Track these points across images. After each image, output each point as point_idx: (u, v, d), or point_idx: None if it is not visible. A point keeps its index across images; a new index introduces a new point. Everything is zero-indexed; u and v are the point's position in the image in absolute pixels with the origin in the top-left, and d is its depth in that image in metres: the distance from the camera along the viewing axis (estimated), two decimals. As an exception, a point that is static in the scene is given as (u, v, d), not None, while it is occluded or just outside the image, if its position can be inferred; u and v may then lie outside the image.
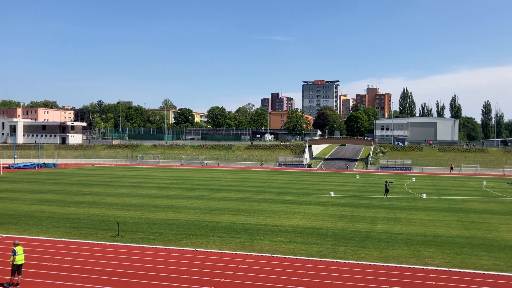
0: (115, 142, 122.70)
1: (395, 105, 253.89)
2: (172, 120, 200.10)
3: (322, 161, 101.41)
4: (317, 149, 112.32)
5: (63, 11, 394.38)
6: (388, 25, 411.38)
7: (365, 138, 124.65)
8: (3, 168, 76.92)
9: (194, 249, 23.06)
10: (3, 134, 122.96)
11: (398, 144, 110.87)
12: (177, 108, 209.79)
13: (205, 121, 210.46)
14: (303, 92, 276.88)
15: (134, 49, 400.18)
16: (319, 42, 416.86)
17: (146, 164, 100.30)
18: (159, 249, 23.11)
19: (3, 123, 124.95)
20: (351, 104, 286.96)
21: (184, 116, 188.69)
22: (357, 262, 21.10)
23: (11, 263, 17.34)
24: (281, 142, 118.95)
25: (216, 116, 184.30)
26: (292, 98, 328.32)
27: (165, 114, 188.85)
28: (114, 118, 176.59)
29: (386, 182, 47.27)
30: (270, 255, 22.10)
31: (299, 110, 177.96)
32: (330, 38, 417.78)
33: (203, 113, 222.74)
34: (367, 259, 21.66)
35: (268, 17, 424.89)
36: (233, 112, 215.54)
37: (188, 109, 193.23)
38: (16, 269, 17.32)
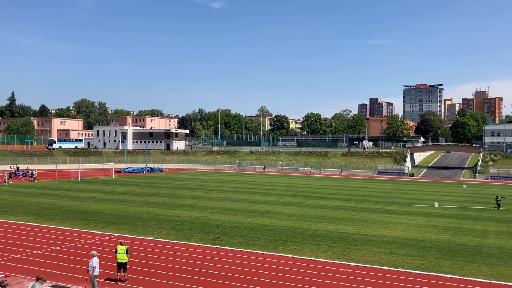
0: (215, 148, 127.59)
1: (507, 110, 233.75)
2: (268, 127, 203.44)
3: (425, 169, 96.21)
4: (419, 156, 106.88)
5: (166, 26, 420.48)
6: (499, 22, 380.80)
7: (473, 145, 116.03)
8: (115, 172, 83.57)
9: (291, 255, 23.05)
10: (115, 140, 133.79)
11: (511, 151, 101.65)
12: (273, 115, 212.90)
13: (301, 128, 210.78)
14: (404, 96, 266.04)
15: (232, 58, 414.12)
16: (421, 44, 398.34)
17: (243, 169, 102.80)
18: (256, 253, 23.44)
19: (115, 131, 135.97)
20: (456, 108, 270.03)
21: (280, 123, 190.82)
22: (465, 278, 19.61)
23: (116, 260, 18.71)
24: (364, 149, 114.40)
25: (312, 123, 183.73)
26: (392, 103, 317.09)
27: (261, 121, 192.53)
28: (213, 125, 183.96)
29: (497, 197, 43.31)
30: (370, 266, 21.35)
31: (399, 116, 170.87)
32: (433, 39, 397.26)
33: (299, 119, 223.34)
34: (476, 275, 20.04)
35: (366, 21, 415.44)
36: (329, 118, 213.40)
37: (284, 116, 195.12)
38: (120, 266, 18.59)
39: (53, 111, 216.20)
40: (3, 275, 18.40)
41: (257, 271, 20.13)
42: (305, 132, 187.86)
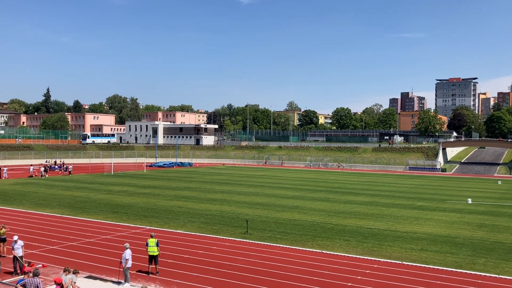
0: (243, 143, 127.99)
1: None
2: (296, 122, 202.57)
3: (458, 165, 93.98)
4: (452, 152, 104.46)
5: (195, 22, 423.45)
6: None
7: (509, 140, 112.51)
8: (147, 166, 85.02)
9: (320, 251, 22.98)
10: (146, 135, 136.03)
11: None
12: (302, 110, 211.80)
13: (330, 123, 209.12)
14: (436, 91, 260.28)
15: (261, 54, 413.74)
16: (454, 36, 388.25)
17: (272, 165, 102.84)
18: (285, 248, 23.48)
19: (147, 126, 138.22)
20: (491, 103, 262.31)
21: (309, 118, 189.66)
22: (500, 276, 19.13)
23: (147, 252, 19.07)
24: (390, 144, 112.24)
25: (341, 117, 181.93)
26: (423, 98, 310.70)
27: (290, 116, 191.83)
28: (242, 120, 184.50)
29: None
30: (400, 262, 21.09)
31: (431, 110, 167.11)
32: (466, 31, 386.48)
33: (328, 114, 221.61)
34: (511, 273, 19.53)
35: (396, 14, 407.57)
36: (359, 113, 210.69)
37: (313, 111, 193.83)
38: (151, 259, 18.95)
39: (86, 107, 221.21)
40: (41, 265, 19.06)
41: (286, 266, 20.18)
42: (334, 127, 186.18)
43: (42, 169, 64.26)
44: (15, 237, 19.10)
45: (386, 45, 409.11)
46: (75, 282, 15.01)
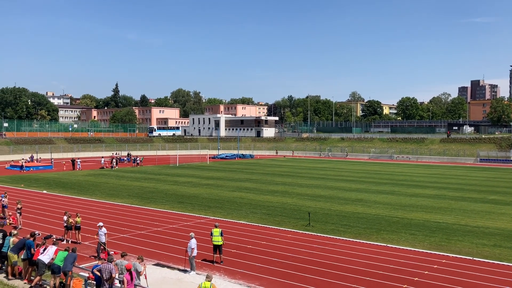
0: (304, 135, 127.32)
1: None
2: (359, 113, 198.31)
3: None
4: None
5: (255, 13, 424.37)
6: None
7: None
8: (210, 158, 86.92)
9: (385, 244, 22.44)
10: (209, 128, 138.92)
11: None
12: (365, 101, 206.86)
13: (395, 113, 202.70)
14: (510, 77, 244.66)
15: (321, 43, 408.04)
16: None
17: (334, 157, 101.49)
18: (349, 241, 23.15)
19: (209, 119, 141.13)
20: None
21: (372, 108, 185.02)
22: None
23: (212, 242, 19.50)
24: (448, 135, 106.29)
25: (407, 108, 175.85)
26: (496, 86, 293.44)
27: (352, 106, 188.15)
28: (303, 112, 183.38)
29: None
30: (471, 258, 20.14)
31: (505, 99, 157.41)
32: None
33: (393, 104, 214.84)
34: None
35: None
36: (426, 103, 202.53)
37: (377, 101, 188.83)
38: (216, 248, 19.34)
39: (152, 101, 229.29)
40: (113, 252, 20.08)
41: (350, 259, 19.91)
42: (399, 118, 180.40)
43: (114, 161, 67.56)
44: (100, 224, 20.40)
45: (456, 31, 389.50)
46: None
